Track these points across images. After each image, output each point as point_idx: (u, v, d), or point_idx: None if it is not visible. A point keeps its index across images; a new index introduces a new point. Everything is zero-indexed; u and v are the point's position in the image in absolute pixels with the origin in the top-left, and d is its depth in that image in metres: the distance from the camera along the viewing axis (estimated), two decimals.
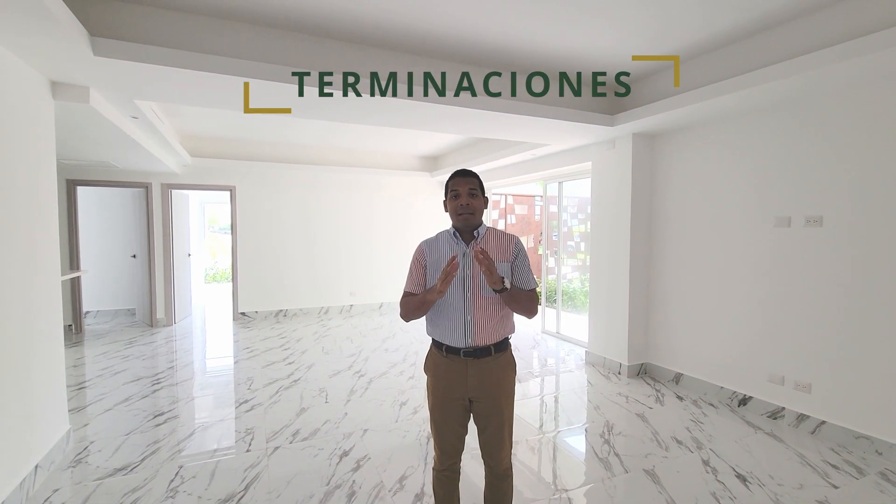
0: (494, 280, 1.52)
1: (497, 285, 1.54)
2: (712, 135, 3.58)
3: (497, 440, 1.67)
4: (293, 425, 3.10)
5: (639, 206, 4.10)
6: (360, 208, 7.42)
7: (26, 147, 2.33)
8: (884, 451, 2.64)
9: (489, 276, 1.51)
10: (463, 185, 1.65)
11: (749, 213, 3.34)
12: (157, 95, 2.98)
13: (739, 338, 3.43)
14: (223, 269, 12.30)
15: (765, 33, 2.70)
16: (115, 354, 4.82)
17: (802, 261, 3.02)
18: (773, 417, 3.18)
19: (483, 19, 2.58)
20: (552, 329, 5.80)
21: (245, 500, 2.24)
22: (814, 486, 2.37)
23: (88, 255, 6.51)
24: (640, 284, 4.16)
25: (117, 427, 3.06)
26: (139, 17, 2.41)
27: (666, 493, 2.31)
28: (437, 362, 1.70)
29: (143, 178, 6.05)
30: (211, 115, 4.71)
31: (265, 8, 2.46)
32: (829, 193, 2.88)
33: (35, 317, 2.37)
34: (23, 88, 2.31)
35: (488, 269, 1.49)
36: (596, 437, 2.96)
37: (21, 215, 2.26)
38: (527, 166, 5.75)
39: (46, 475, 2.42)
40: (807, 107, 2.97)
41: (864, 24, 2.27)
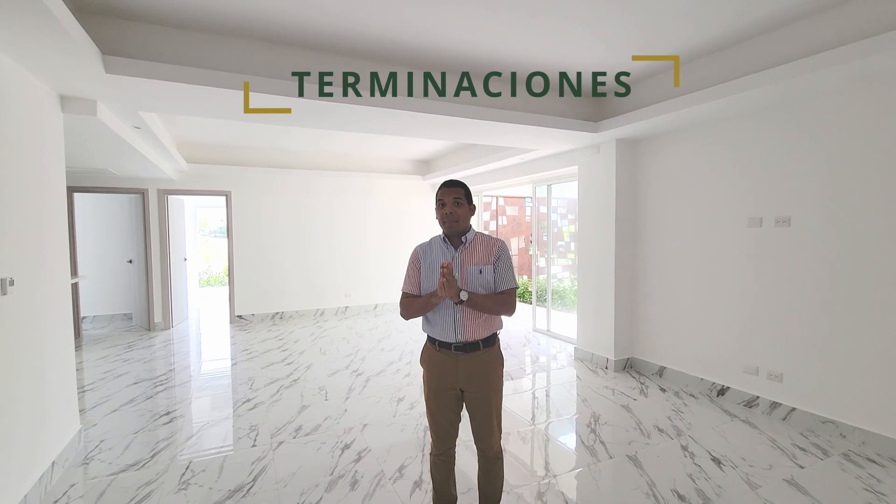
0: (451, 294, 1.64)
1: (454, 298, 1.66)
2: (690, 141, 3.79)
3: (487, 427, 1.83)
4: (295, 422, 3.24)
5: (623, 208, 4.30)
6: (353, 211, 7.56)
7: (37, 159, 2.45)
8: (847, 434, 2.85)
9: (447, 289, 1.63)
10: (449, 195, 1.81)
11: (724, 215, 3.54)
12: (162, 107, 3.12)
13: (717, 332, 3.63)
14: (217, 273, 12.34)
15: (736, 47, 2.90)
16: (115, 358, 4.91)
17: (773, 259, 3.23)
18: (749, 406, 3.39)
19: (478, 34, 2.75)
20: (543, 327, 5.99)
21: (254, 490, 2.39)
22: (782, 466, 2.57)
23: (85, 260, 6.58)
24: (626, 283, 4.35)
25: (125, 426, 3.18)
26: (148, 35, 2.55)
27: (647, 476, 2.49)
28: (430, 356, 1.87)
29: (140, 185, 6.14)
30: (206, 122, 4.83)
31: (269, 25, 2.61)
32: (796, 196, 3.09)
33: (47, 320, 2.49)
34: (34, 103, 2.43)
35: (448, 283, 1.62)
36: (583, 427, 3.14)
37: (32, 223, 2.37)
38: (516, 169, 5.94)
39: (62, 472, 2.54)
40: (774, 116, 3.18)
41: (829, 38, 2.45)
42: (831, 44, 2.43)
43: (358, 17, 2.52)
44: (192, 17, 2.49)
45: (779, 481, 2.42)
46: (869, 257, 2.75)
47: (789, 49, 2.62)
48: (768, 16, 2.53)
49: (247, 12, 2.45)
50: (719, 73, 2.99)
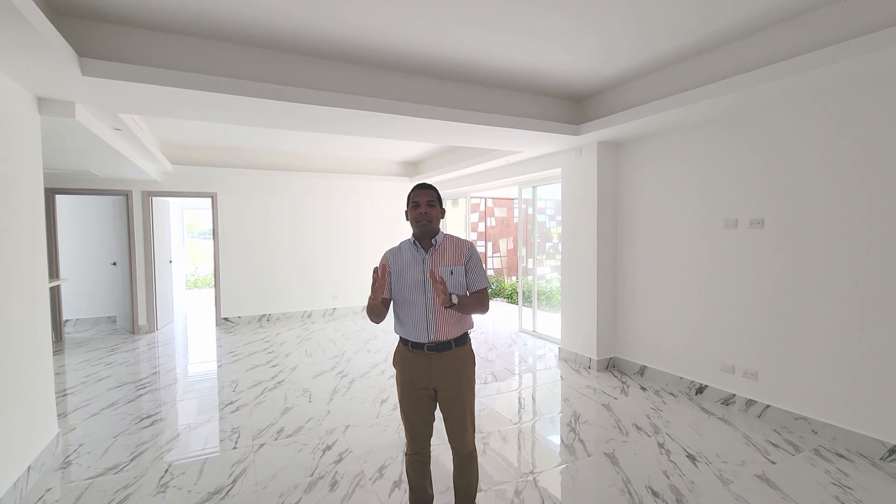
0: (444, 300, 1.67)
1: (446, 303, 1.69)
2: (669, 144, 3.86)
3: (461, 425, 1.86)
4: (278, 423, 3.24)
5: (605, 210, 4.36)
6: (341, 212, 7.56)
7: (12, 161, 2.43)
8: (818, 430, 2.92)
9: (440, 297, 1.66)
10: (423, 197, 1.85)
11: (702, 216, 3.62)
12: (142, 110, 3.11)
13: (696, 331, 3.70)
14: (204, 276, 12.24)
15: (705, 54, 2.97)
16: (97, 361, 4.86)
17: (748, 259, 3.31)
18: (726, 403, 3.46)
19: (459, 40, 2.78)
20: (529, 328, 6.03)
21: (233, 492, 2.39)
22: (754, 462, 2.64)
23: (67, 263, 6.49)
24: (607, 284, 4.41)
25: (104, 430, 3.16)
26: (125, 37, 2.54)
27: (623, 473, 2.54)
28: (403, 357, 1.90)
29: (124, 186, 6.08)
30: (191, 124, 4.80)
31: (247, 28, 2.61)
32: (770, 198, 3.17)
33: (24, 323, 2.48)
34: (9, 105, 2.41)
35: (442, 291, 1.65)
36: (563, 426, 3.19)
37: (7, 226, 2.35)
38: (502, 171, 5.98)
39: (38, 476, 2.52)
40: (749, 120, 3.26)
41: (792, 47, 2.53)
42: (800, 49, 2.50)
43: (345, 22, 2.54)
44: (171, 19, 2.49)
45: (750, 477, 2.48)
46: (841, 257, 2.82)
47: (759, 55, 2.69)
48: (734, 25, 2.59)
49: (224, 15, 2.45)
50: (694, 78, 3.06)
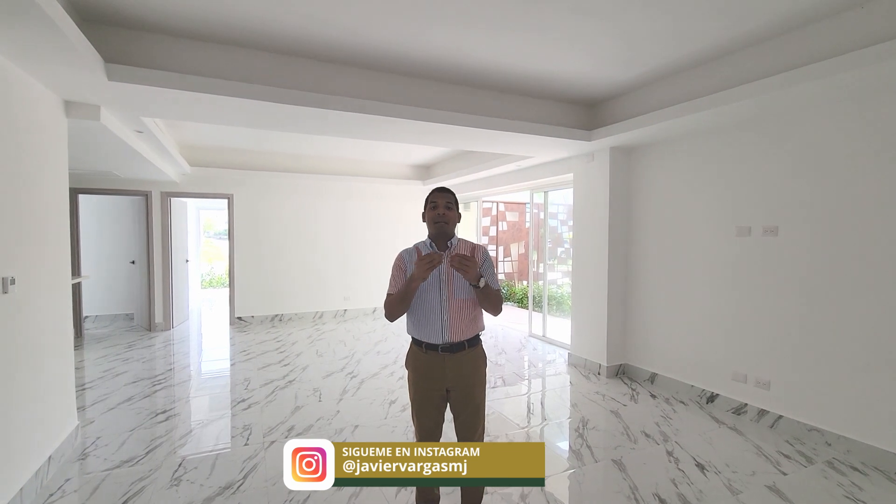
0: (473, 276, 1.73)
1: (475, 280, 1.75)
2: (682, 150, 3.84)
3: (472, 422, 1.90)
4: (288, 422, 3.29)
5: (616, 216, 4.34)
6: (354, 215, 7.64)
7: (41, 162, 2.53)
8: (832, 442, 2.87)
9: (469, 272, 1.71)
10: (441, 199, 1.91)
11: (715, 223, 3.59)
12: (163, 113, 3.21)
13: (707, 339, 3.66)
14: (219, 275, 12.45)
15: (724, 58, 2.95)
16: (115, 357, 4.99)
17: (761, 267, 3.27)
18: (737, 413, 3.41)
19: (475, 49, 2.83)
20: (539, 332, 6.02)
21: (244, 487, 2.44)
22: (765, 473, 2.60)
23: (88, 261, 6.68)
24: (618, 289, 4.39)
25: (121, 424, 3.24)
26: (149, 43, 2.63)
27: (630, 480, 2.53)
28: (416, 358, 1.93)
29: (144, 187, 6.24)
30: (210, 126, 4.93)
31: (270, 37, 2.69)
32: (784, 205, 3.13)
33: (47, 319, 2.57)
34: (39, 109, 2.52)
35: (466, 267, 1.70)
36: (571, 431, 3.18)
37: (34, 224, 2.45)
38: (514, 176, 6.00)
39: (58, 466, 2.60)
40: (764, 127, 3.23)
41: (816, 51, 2.50)
42: (818, 57, 2.48)
43: (362, 30, 2.60)
44: (193, 26, 2.57)
45: (760, 487, 2.45)
46: (855, 267, 2.78)
47: (776, 61, 2.67)
48: (754, 29, 2.58)
49: (247, 23, 2.53)
50: (710, 84, 3.05)
